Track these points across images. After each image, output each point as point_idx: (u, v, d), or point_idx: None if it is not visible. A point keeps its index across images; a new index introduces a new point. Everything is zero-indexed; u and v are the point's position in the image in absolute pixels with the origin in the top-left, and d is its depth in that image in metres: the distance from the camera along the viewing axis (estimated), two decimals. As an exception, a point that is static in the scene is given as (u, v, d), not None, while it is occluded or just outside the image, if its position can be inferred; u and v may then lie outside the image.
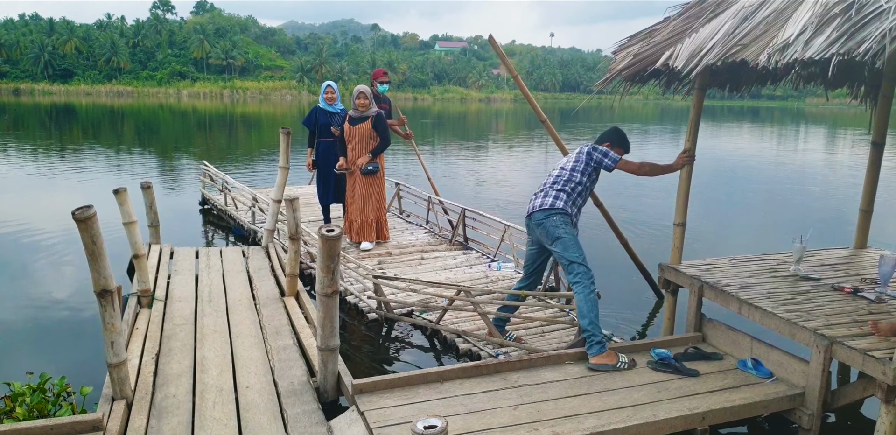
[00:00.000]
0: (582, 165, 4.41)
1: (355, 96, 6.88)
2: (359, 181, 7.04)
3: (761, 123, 47.87)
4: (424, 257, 7.02)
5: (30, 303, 6.13)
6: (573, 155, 4.51)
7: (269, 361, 4.23)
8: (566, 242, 4.24)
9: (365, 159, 6.93)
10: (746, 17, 3.67)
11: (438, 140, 27.90)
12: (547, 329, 5.15)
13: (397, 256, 7.03)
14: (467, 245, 7.53)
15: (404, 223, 8.77)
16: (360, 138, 6.92)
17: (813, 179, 16.35)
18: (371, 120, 6.88)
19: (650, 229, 9.64)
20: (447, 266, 6.73)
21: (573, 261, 4.21)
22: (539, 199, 4.41)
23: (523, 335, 4.98)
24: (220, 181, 9.88)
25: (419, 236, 7.94)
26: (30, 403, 3.49)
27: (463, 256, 7.09)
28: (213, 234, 9.23)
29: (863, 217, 5.40)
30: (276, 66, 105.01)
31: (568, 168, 4.43)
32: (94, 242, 3.16)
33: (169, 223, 9.11)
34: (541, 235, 4.39)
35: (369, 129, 6.88)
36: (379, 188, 7.19)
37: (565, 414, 3.44)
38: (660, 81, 4.72)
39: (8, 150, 19.02)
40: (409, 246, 7.45)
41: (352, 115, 6.98)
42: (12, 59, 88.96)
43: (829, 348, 3.50)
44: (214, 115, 45.83)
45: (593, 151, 4.42)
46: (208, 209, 10.37)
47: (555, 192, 4.37)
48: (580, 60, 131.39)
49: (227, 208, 9.44)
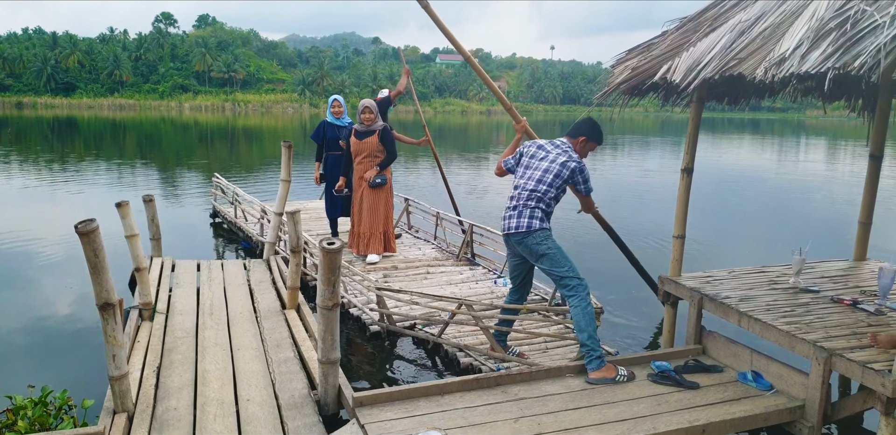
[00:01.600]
0: (560, 182, 4.19)
1: (360, 111, 6.91)
2: (366, 194, 7.05)
3: (761, 135, 47.98)
4: (430, 272, 6.99)
5: (31, 316, 6.14)
6: (551, 165, 4.21)
7: (270, 373, 4.23)
8: (553, 257, 4.16)
9: (373, 172, 6.95)
10: (743, 31, 3.71)
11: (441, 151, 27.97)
12: (551, 345, 5.06)
13: (403, 270, 7.00)
14: (474, 261, 7.48)
15: (412, 238, 8.72)
16: (367, 152, 6.95)
17: (812, 191, 16.37)
18: (378, 133, 6.91)
19: (649, 242, 9.64)
20: (453, 281, 6.69)
21: (564, 275, 4.14)
22: (515, 220, 4.22)
23: (526, 351, 4.89)
24: (231, 193, 9.91)
25: (426, 251, 7.91)
26: (31, 416, 3.50)
27: (469, 272, 7.04)
28: (224, 247, 9.25)
29: (862, 229, 5.42)
30: (277, 80, 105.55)
31: (546, 182, 4.18)
32: (96, 256, 3.18)
33: (172, 236, 9.16)
34: (523, 252, 4.28)
35: (376, 143, 6.91)
36: (387, 200, 7.18)
37: (566, 427, 3.44)
38: (658, 94, 4.76)
39: (10, 163, 19.08)
40: (416, 260, 7.42)
41: (357, 129, 7.01)
42: (15, 72, 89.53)
43: (828, 361, 3.50)
44: (216, 128, 45.99)
45: (579, 174, 4.22)
46: (219, 223, 10.40)
47: (529, 211, 4.19)
48: (580, 73, 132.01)
49: (236, 221, 9.47)
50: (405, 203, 9.39)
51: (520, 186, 4.29)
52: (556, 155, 4.24)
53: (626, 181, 17.41)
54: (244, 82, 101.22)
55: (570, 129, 4.43)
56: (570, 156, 4.23)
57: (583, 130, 4.36)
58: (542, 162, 4.25)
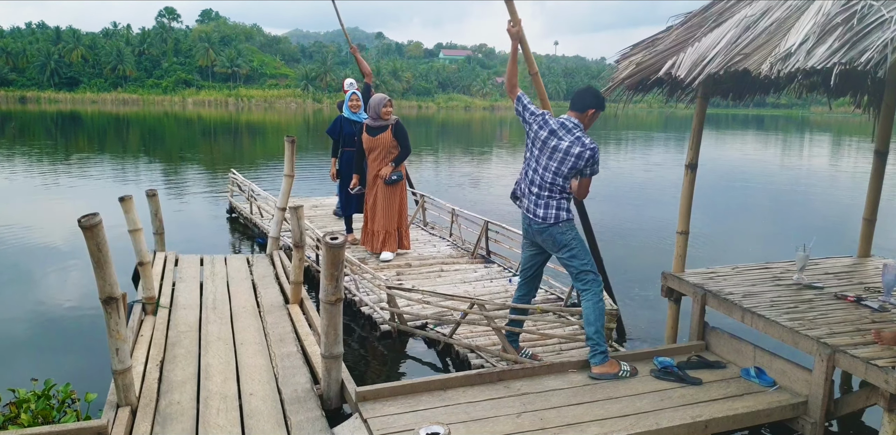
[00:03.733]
0: (575, 171, 4.06)
1: (383, 105, 6.66)
2: (381, 191, 6.91)
3: (766, 132, 47.85)
4: (444, 270, 6.90)
5: (35, 309, 6.16)
6: (566, 157, 4.03)
7: (273, 368, 4.24)
8: (575, 249, 4.12)
9: (388, 169, 6.80)
10: (749, 26, 3.69)
11: (446, 147, 27.96)
12: (565, 347, 4.93)
13: (416, 268, 6.92)
14: (489, 259, 7.38)
15: (427, 235, 8.62)
16: (381, 148, 6.77)
17: (816, 188, 16.34)
18: (391, 128, 6.74)
19: (653, 238, 9.64)
20: (467, 279, 6.59)
21: (582, 269, 4.11)
22: (542, 210, 4.12)
23: (540, 352, 4.80)
24: (247, 190, 9.91)
25: (441, 249, 7.82)
26: (34, 409, 3.50)
27: (484, 270, 6.95)
28: (240, 243, 9.28)
29: (866, 226, 5.40)
30: (280, 75, 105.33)
31: (562, 174, 4.06)
32: (99, 250, 3.18)
33: (181, 231, 9.19)
34: (545, 241, 4.21)
35: (390, 139, 6.74)
36: (401, 197, 7.07)
37: (568, 422, 3.44)
38: (663, 90, 4.74)
39: (14, 158, 19.11)
40: (430, 258, 7.35)
41: (370, 124, 6.81)
42: (19, 67, 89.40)
43: (831, 357, 3.50)
44: (219, 123, 46.01)
45: (592, 162, 4.05)
46: (235, 218, 10.42)
47: (556, 202, 4.11)
48: (584, 69, 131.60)
49: (252, 217, 9.47)
50: (420, 199, 9.29)
51: (536, 173, 4.15)
52: (570, 144, 4.03)
53: (630, 177, 17.40)
54: (247, 77, 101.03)
55: (574, 101, 4.16)
56: (583, 144, 4.02)
57: (589, 102, 4.12)
58: (556, 153, 4.06)
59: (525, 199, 4.25)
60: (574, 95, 4.21)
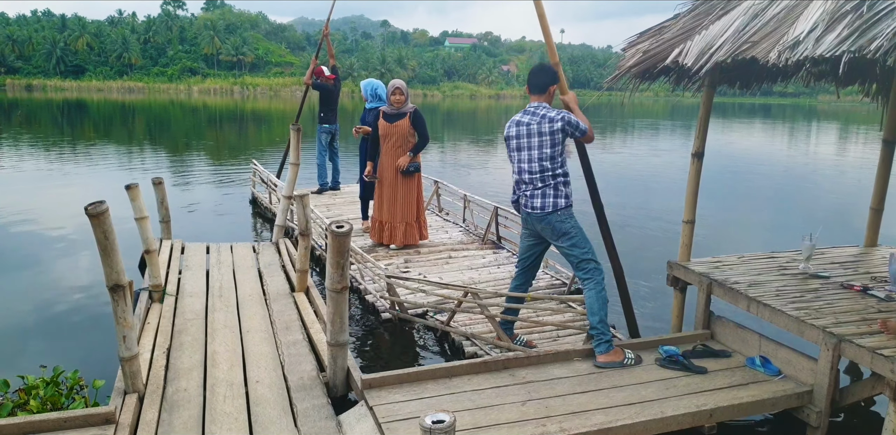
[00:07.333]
0: (560, 147, 4.09)
1: (391, 92, 6.63)
2: (400, 182, 6.81)
3: (773, 121, 47.59)
4: (452, 257, 6.92)
5: (43, 297, 6.19)
6: (542, 138, 4.08)
7: (280, 355, 4.26)
8: (575, 238, 4.13)
9: (406, 159, 6.70)
10: (757, 14, 3.66)
11: (452, 136, 27.91)
12: (562, 333, 4.99)
13: (425, 255, 6.92)
14: (499, 244, 7.40)
15: (441, 221, 8.65)
16: (398, 136, 6.67)
17: (824, 177, 16.27)
18: (409, 116, 6.65)
19: (659, 227, 9.62)
20: (474, 266, 6.61)
21: (584, 258, 4.12)
22: (539, 200, 4.14)
23: (536, 339, 4.84)
24: (268, 180, 9.91)
25: (453, 235, 7.84)
26: (43, 395, 3.54)
27: (492, 256, 6.97)
28: (261, 231, 9.30)
29: (873, 215, 5.39)
30: (286, 63, 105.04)
31: (547, 156, 4.08)
32: (106, 238, 3.19)
33: (190, 219, 9.20)
34: (544, 230, 4.21)
35: (408, 126, 6.65)
36: (419, 187, 7.00)
37: (573, 410, 3.45)
38: (670, 78, 4.69)
39: (21, 146, 19.15)
40: (440, 244, 7.33)
41: (387, 111, 6.72)
42: (24, 55, 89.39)
43: (837, 346, 3.50)
44: (225, 111, 46.00)
45: (570, 127, 4.07)
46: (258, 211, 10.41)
47: (553, 190, 4.12)
48: (590, 57, 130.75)
49: (271, 206, 9.51)
50: (434, 185, 9.31)
51: (524, 170, 4.18)
52: (538, 125, 4.09)
53: (636, 166, 17.34)
54: (252, 65, 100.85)
55: (533, 85, 4.21)
56: (550, 118, 4.07)
57: (545, 80, 4.18)
58: (532, 139, 4.12)
59: (522, 197, 4.26)
60: (530, 78, 4.23)
